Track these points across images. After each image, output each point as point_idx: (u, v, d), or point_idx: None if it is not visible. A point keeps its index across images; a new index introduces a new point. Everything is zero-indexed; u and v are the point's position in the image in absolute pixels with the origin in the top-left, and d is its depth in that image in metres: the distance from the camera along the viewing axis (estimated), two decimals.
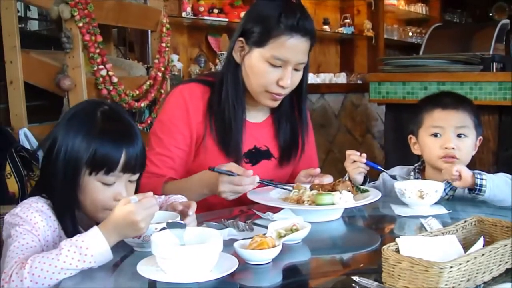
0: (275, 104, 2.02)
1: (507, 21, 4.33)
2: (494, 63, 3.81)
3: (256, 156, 2.09)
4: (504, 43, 4.34)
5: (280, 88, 1.94)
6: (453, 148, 2.00)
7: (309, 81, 5.32)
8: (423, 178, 2.09)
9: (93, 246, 1.30)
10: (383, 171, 2.06)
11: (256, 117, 2.12)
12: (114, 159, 1.46)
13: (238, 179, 1.72)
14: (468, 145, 2.03)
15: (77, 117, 1.52)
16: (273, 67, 1.91)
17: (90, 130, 1.47)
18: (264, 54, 1.91)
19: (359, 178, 2.01)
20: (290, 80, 1.93)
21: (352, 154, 1.99)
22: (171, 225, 1.32)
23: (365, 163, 1.98)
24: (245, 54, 1.96)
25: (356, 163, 1.98)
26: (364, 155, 1.99)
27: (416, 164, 2.17)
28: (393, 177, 2.02)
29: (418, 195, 1.84)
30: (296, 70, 1.95)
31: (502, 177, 1.93)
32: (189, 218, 1.51)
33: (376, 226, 1.89)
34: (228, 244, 1.37)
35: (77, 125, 1.48)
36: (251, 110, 2.08)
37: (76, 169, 1.45)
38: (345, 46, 5.96)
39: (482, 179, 1.86)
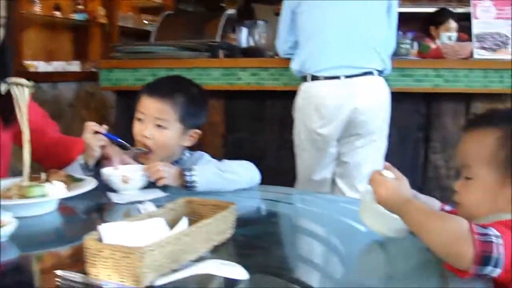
0: None
1: (233, 11, 4.54)
2: (222, 51, 3.97)
3: None
4: (235, 32, 4.54)
5: None
6: (147, 137, 2.00)
7: (40, 70, 4.98)
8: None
9: None
10: (123, 143, 1.98)
11: None
12: None
13: None
14: (166, 136, 2.01)
15: None
16: None
17: None
18: None
19: (99, 151, 1.96)
20: None
21: (93, 125, 1.95)
22: None
23: (105, 135, 1.95)
24: None
25: (98, 134, 1.94)
26: (105, 126, 1.96)
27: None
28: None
29: (123, 180, 1.84)
30: None
31: (212, 169, 1.90)
32: None
33: (93, 216, 1.82)
34: None
35: None
36: None
37: None
38: (79, 33, 5.70)
39: (192, 175, 1.85)
